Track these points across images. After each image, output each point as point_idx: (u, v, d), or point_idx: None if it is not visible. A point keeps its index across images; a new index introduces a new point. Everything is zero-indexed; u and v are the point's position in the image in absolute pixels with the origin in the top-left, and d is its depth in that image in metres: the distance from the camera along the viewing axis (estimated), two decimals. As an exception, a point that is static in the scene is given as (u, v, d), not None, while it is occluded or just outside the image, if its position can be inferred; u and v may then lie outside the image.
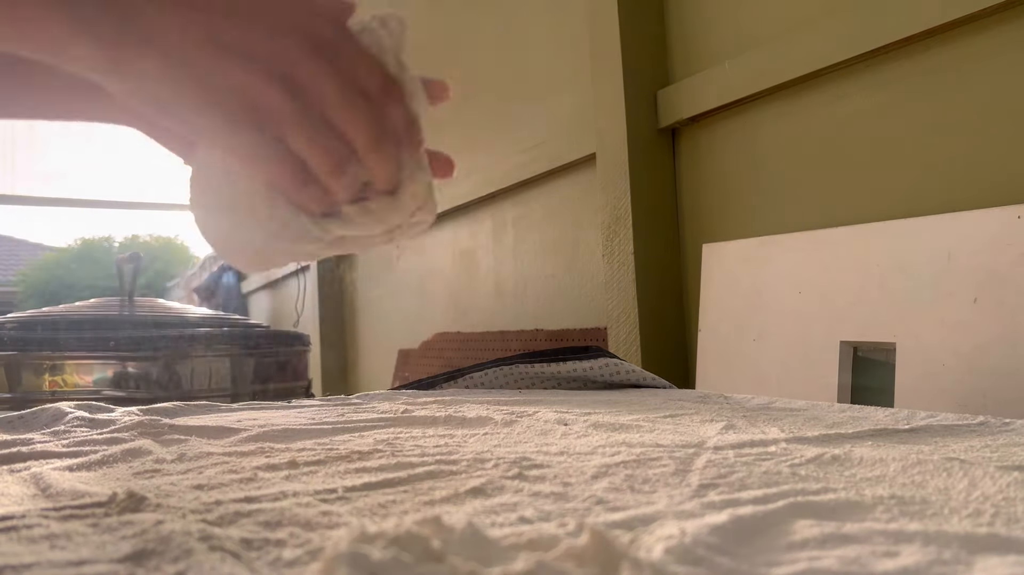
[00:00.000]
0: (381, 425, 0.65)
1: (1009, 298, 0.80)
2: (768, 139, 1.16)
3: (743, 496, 0.35)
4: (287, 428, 0.63)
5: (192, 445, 0.56)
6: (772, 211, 1.16)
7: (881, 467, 0.41)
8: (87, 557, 0.28)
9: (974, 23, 0.87)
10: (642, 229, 1.32)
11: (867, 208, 1.01)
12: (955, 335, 0.84)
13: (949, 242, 0.86)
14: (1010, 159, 0.85)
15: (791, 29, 1.10)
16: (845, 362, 0.97)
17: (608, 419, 0.62)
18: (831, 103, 1.06)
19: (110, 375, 1.59)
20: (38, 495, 0.40)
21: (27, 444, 0.57)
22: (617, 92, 1.33)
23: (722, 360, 1.16)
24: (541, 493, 0.37)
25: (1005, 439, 0.49)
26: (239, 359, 1.73)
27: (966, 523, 0.30)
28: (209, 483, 0.41)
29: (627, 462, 0.44)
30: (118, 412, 0.74)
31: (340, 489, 0.39)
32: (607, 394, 0.89)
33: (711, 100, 1.22)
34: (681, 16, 1.32)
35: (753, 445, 0.48)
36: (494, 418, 0.64)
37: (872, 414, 0.62)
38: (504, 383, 1.00)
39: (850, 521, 0.31)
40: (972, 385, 0.82)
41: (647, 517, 0.32)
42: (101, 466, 0.49)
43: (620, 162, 1.33)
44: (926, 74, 0.94)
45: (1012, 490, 0.35)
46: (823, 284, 1.01)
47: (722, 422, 0.59)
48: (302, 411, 0.78)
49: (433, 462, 0.45)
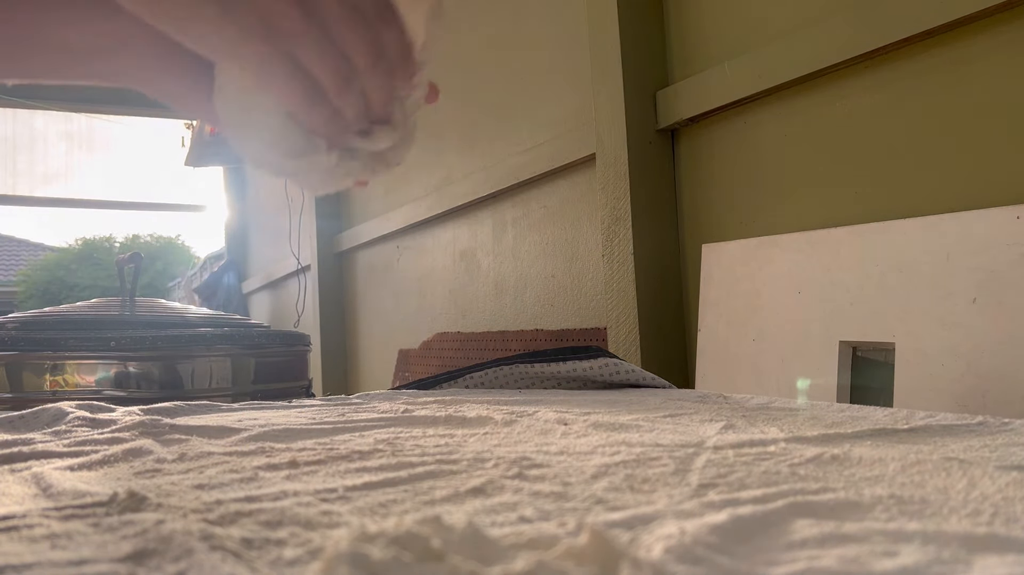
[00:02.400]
0: (381, 425, 0.65)
1: (1008, 298, 0.80)
2: (768, 139, 1.16)
3: (743, 496, 0.35)
4: (288, 428, 0.63)
5: (193, 445, 0.56)
6: (772, 211, 1.16)
7: (880, 467, 0.41)
8: (88, 557, 0.28)
9: (974, 23, 0.87)
10: (642, 229, 1.32)
11: (867, 208, 1.01)
12: (954, 335, 0.84)
13: (949, 242, 0.86)
14: (1010, 159, 0.85)
15: (791, 29, 1.10)
16: (844, 362, 0.97)
17: (608, 419, 0.62)
18: (831, 103, 1.06)
19: (111, 375, 1.59)
20: (39, 495, 0.40)
21: (28, 444, 0.57)
22: (617, 92, 1.33)
23: (721, 360, 1.16)
24: (541, 493, 0.38)
25: (1004, 439, 0.49)
26: (240, 359, 1.73)
27: (965, 523, 0.30)
28: (210, 483, 0.42)
29: (627, 462, 0.44)
30: (119, 412, 0.74)
31: (340, 489, 0.39)
32: (607, 394, 0.89)
33: (711, 100, 1.22)
34: (681, 16, 1.32)
35: (752, 445, 0.48)
36: (494, 418, 0.65)
37: (871, 414, 0.63)
38: (504, 383, 1.00)
39: (849, 521, 0.31)
40: (971, 385, 0.82)
41: (647, 517, 0.32)
42: (102, 466, 0.49)
43: (620, 162, 1.33)
44: (926, 74, 0.94)
45: (1011, 490, 0.35)
46: (822, 284, 1.01)
47: (722, 422, 0.59)
48: (303, 411, 0.78)
49: (433, 462, 0.45)
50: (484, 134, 1.97)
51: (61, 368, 1.58)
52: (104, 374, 1.59)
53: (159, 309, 1.83)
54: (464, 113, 2.09)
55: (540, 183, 1.74)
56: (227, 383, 1.70)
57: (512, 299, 1.87)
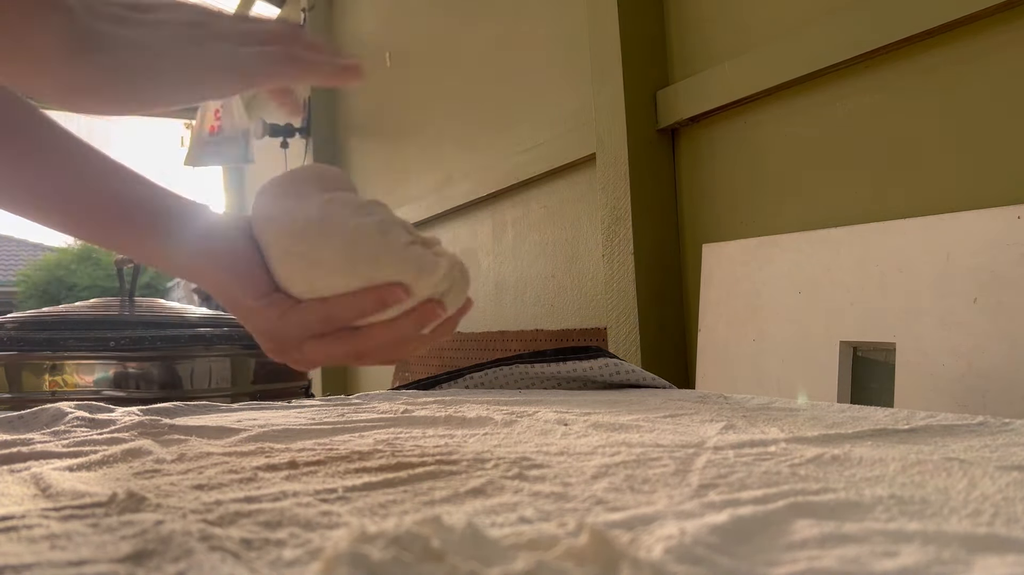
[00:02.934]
0: (381, 425, 0.65)
1: (1009, 298, 0.80)
2: (768, 139, 1.16)
3: (743, 496, 0.35)
4: (287, 428, 0.63)
5: (192, 445, 0.56)
6: (772, 211, 1.16)
7: (881, 467, 0.41)
8: (87, 557, 0.28)
9: (974, 23, 0.87)
10: (642, 229, 1.32)
11: (867, 208, 1.01)
12: (955, 335, 0.84)
13: (949, 242, 0.86)
14: (1010, 159, 0.85)
15: (791, 29, 1.10)
16: (845, 362, 0.97)
17: (608, 419, 0.62)
18: (831, 103, 1.06)
19: (110, 375, 1.59)
20: (38, 495, 0.40)
21: (27, 444, 0.57)
22: (617, 92, 1.33)
23: (722, 360, 1.16)
24: (541, 493, 0.37)
25: (1004, 439, 0.49)
26: (239, 359, 1.73)
27: (965, 523, 0.30)
28: (209, 483, 0.42)
29: (627, 462, 0.44)
30: (118, 412, 0.74)
31: (340, 489, 0.39)
32: (607, 394, 0.89)
33: (711, 100, 1.22)
34: (681, 16, 1.32)
35: (753, 445, 0.48)
36: (494, 418, 0.64)
37: (872, 414, 0.62)
38: (504, 383, 1.00)
39: (850, 521, 0.31)
40: (972, 385, 0.82)
41: (647, 517, 0.32)
42: (101, 466, 0.49)
43: (620, 162, 1.33)
44: (926, 74, 0.94)
45: (1011, 490, 0.35)
46: (823, 284, 1.01)
47: (722, 422, 0.59)
48: (302, 411, 0.78)
49: (433, 462, 0.45)
50: (484, 134, 1.97)
51: (60, 368, 1.58)
52: (103, 374, 1.59)
53: (158, 309, 1.82)
54: (464, 113, 2.09)
55: (540, 183, 1.74)
56: (226, 383, 1.70)
57: (512, 299, 1.87)
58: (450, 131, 2.15)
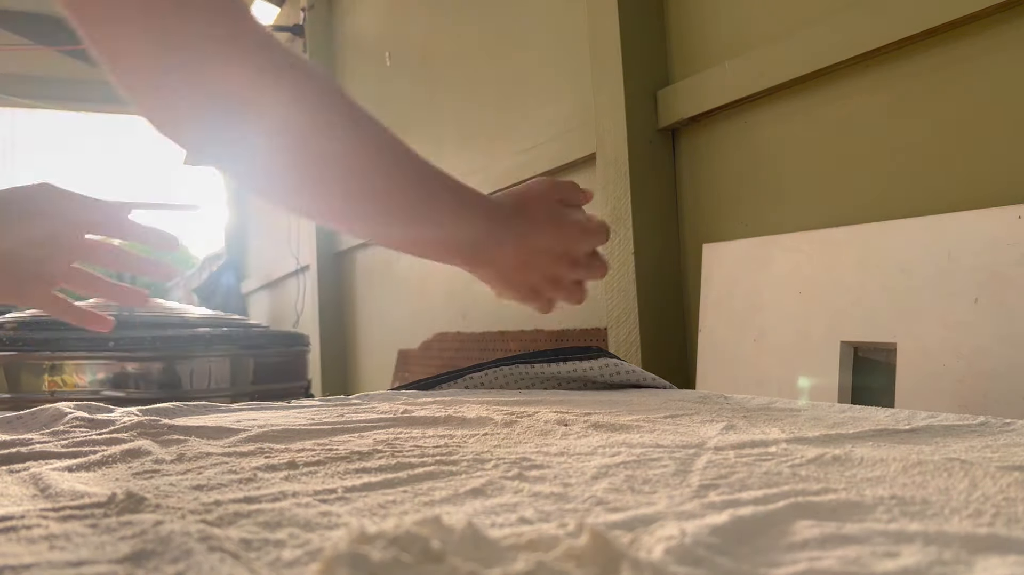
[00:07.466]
0: (381, 425, 0.65)
1: (1010, 298, 0.79)
2: (768, 139, 1.16)
3: (743, 496, 0.35)
4: (287, 428, 0.63)
5: (191, 445, 0.56)
6: (772, 211, 1.16)
7: (882, 467, 0.41)
8: (86, 558, 0.28)
9: (974, 23, 0.87)
10: (642, 229, 1.31)
11: (867, 208, 1.00)
12: (956, 335, 0.84)
13: (949, 242, 0.86)
14: (1010, 159, 0.85)
15: (791, 29, 1.10)
16: (845, 362, 0.97)
17: (608, 419, 0.62)
18: (831, 103, 1.06)
19: (109, 375, 1.59)
20: (37, 495, 0.40)
21: (26, 444, 0.57)
22: (617, 92, 1.33)
23: (722, 360, 1.16)
24: (541, 493, 0.37)
25: (1006, 439, 0.49)
26: (239, 359, 1.73)
27: (967, 523, 0.30)
28: (208, 483, 0.41)
29: (627, 462, 0.44)
30: (117, 412, 0.74)
31: (340, 489, 0.39)
32: (607, 394, 0.89)
33: (711, 100, 1.22)
34: (681, 16, 1.32)
35: (753, 445, 0.48)
36: (494, 418, 0.64)
37: (873, 414, 0.62)
38: (504, 383, 1.00)
39: (850, 521, 0.31)
40: (973, 385, 0.82)
41: (647, 517, 0.32)
42: (100, 466, 0.49)
43: (620, 162, 1.33)
44: (926, 74, 0.94)
45: (1013, 490, 0.35)
46: (823, 284, 1.00)
47: (722, 422, 0.59)
48: (302, 411, 0.78)
49: (433, 462, 0.45)
50: (484, 134, 1.97)
51: (59, 368, 1.58)
52: (103, 374, 1.59)
53: (158, 309, 1.82)
54: (464, 113, 2.09)
55: (540, 183, 1.73)
56: (226, 383, 1.70)
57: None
58: (450, 131, 2.15)
